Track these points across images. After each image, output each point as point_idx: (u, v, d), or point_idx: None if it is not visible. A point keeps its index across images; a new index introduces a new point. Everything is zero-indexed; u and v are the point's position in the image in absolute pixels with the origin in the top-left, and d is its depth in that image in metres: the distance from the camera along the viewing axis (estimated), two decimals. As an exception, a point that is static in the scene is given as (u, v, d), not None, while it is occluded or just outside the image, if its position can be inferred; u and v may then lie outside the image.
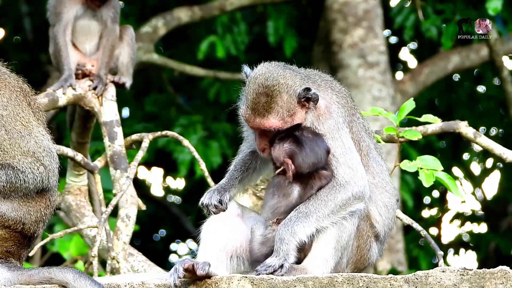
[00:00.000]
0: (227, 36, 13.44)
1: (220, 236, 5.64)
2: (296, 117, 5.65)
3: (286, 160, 5.54)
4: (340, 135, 5.63)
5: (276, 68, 5.70)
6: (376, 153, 5.88)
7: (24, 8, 15.31)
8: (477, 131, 7.01)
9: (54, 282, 5.41)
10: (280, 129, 5.62)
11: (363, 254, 5.72)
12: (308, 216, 5.47)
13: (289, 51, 13.43)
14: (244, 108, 5.67)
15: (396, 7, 13.14)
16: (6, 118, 5.59)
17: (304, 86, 5.62)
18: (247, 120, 5.66)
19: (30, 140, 5.61)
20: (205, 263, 5.27)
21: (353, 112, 5.84)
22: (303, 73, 5.79)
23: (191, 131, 13.31)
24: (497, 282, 5.12)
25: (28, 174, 5.55)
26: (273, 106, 5.61)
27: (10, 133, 5.57)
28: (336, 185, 5.56)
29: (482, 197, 17.31)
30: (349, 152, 5.61)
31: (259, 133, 5.70)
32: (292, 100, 5.62)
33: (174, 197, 17.80)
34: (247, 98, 5.65)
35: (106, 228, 6.80)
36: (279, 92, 5.61)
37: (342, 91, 5.88)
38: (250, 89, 5.63)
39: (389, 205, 5.80)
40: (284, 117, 5.62)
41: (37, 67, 15.28)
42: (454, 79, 15.97)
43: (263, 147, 5.69)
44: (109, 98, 7.67)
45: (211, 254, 5.58)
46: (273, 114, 5.61)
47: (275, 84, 5.61)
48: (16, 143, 5.57)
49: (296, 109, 5.64)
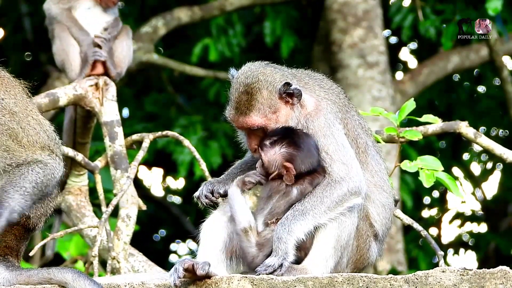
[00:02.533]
0: (221, 38, 13.44)
1: (219, 236, 5.65)
2: (281, 114, 5.66)
3: (286, 164, 5.54)
4: (332, 132, 5.63)
5: (257, 66, 5.73)
6: (374, 152, 5.88)
7: (24, 8, 15.31)
8: (477, 131, 7.01)
9: (53, 282, 5.41)
10: (265, 127, 5.64)
11: (363, 254, 5.73)
12: (304, 213, 5.48)
13: (285, 52, 13.42)
14: (228, 109, 5.72)
15: (394, 7, 13.14)
16: (19, 115, 5.60)
17: (284, 81, 5.64)
18: (232, 120, 5.71)
19: (43, 133, 5.64)
20: (205, 263, 5.27)
21: (347, 109, 5.83)
22: (288, 71, 5.81)
23: (191, 132, 13.31)
24: (497, 282, 5.13)
25: (51, 167, 5.55)
26: (254, 103, 5.63)
27: (26, 130, 5.58)
28: (331, 181, 5.56)
29: (482, 197, 17.31)
30: (342, 149, 5.61)
31: (247, 133, 5.72)
32: (272, 96, 5.64)
33: (174, 197, 17.80)
34: (231, 99, 5.70)
35: (106, 228, 6.80)
36: (258, 89, 5.64)
37: (333, 88, 5.87)
38: (233, 89, 5.70)
39: (387, 205, 5.81)
40: (266, 114, 5.64)
41: (37, 67, 15.28)
42: (454, 79, 15.97)
43: (254, 147, 5.71)
44: (109, 98, 7.67)
45: (211, 254, 5.59)
46: (254, 112, 5.63)
47: (255, 82, 5.64)
48: (34, 138, 5.58)
49: (278, 105, 5.66)
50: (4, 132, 5.51)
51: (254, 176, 5.61)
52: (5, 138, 5.50)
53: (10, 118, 5.56)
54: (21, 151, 5.51)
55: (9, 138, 5.51)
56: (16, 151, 5.50)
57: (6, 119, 5.54)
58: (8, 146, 5.49)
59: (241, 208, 5.57)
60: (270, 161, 5.56)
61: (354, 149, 5.71)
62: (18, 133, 5.54)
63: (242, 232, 5.55)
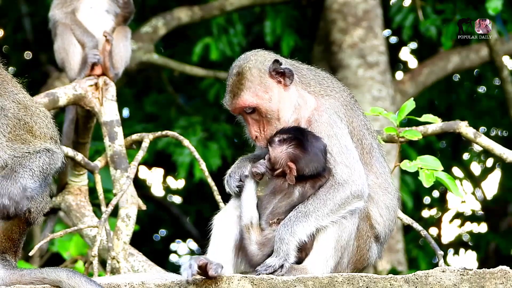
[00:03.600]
0: (222, 38, 13.44)
1: (231, 233, 5.63)
2: (273, 94, 5.66)
3: (289, 164, 5.54)
4: (335, 132, 5.62)
5: (252, 51, 5.77)
6: (379, 154, 5.86)
7: (24, 8, 15.32)
8: (477, 131, 7.01)
9: (47, 282, 5.39)
10: (259, 108, 5.62)
11: (363, 255, 5.72)
12: (307, 215, 5.47)
13: (286, 51, 13.43)
14: (224, 96, 5.72)
15: (395, 6, 13.14)
16: (31, 109, 5.70)
17: (274, 59, 5.64)
18: (227, 105, 5.72)
19: (49, 124, 5.74)
20: (218, 265, 5.24)
21: (352, 107, 5.81)
22: (288, 60, 5.80)
23: (190, 132, 13.31)
24: (497, 282, 5.13)
25: (56, 156, 5.63)
26: (244, 82, 5.65)
27: (37, 123, 5.67)
28: (334, 184, 5.55)
29: (482, 197, 17.31)
30: (345, 151, 5.59)
31: (245, 119, 5.71)
32: (263, 74, 5.66)
33: (174, 197, 17.80)
34: (226, 85, 5.72)
35: (106, 228, 6.80)
36: (248, 68, 5.67)
37: (336, 85, 5.83)
38: (228, 75, 5.70)
39: (391, 207, 5.79)
40: (258, 92, 5.64)
41: (37, 67, 15.28)
42: (454, 79, 15.97)
43: (254, 133, 5.69)
44: (109, 98, 7.66)
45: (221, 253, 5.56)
46: (245, 91, 5.65)
47: (246, 62, 5.70)
48: (44, 130, 5.67)
49: (270, 84, 5.66)
50: (22, 126, 5.61)
51: (260, 167, 5.60)
52: (22, 132, 5.60)
53: (25, 113, 5.65)
54: (36, 141, 5.61)
55: (26, 132, 5.61)
56: (32, 142, 5.60)
57: (21, 114, 5.64)
58: (25, 139, 5.59)
59: (248, 202, 5.58)
60: (276, 157, 5.56)
61: (359, 150, 5.70)
62: (32, 126, 5.64)
63: (245, 228, 5.56)
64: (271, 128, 5.68)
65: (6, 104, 5.62)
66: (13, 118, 5.59)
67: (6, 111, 5.60)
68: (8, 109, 5.61)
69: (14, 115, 5.61)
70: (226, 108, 5.75)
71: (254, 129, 5.69)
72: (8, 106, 5.62)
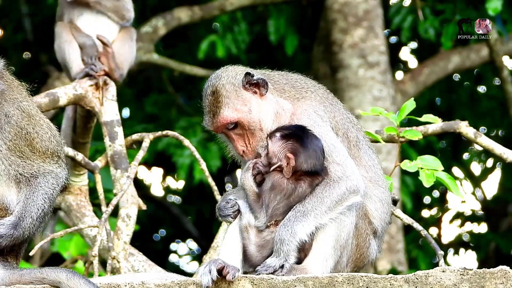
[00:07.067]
0: (227, 35, 13.45)
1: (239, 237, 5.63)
2: (252, 105, 5.68)
3: (289, 154, 5.53)
4: (319, 132, 5.62)
5: (220, 69, 5.79)
6: (366, 146, 5.86)
7: (24, 8, 15.32)
8: (478, 131, 7.01)
9: (46, 282, 5.39)
10: (241, 122, 5.64)
11: (363, 253, 5.72)
12: (306, 214, 5.47)
13: (290, 50, 13.44)
14: (204, 118, 5.75)
15: (394, 7, 13.14)
16: (35, 118, 5.63)
17: (245, 72, 5.67)
18: (208, 126, 5.74)
19: (53, 138, 5.66)
20: (235, 269, 5.27)
21: (331, 102, 5.81)
22: (258, 71, 5.81)
23: (190, 133, 13.30)
24: (497, 282, 5.13)
25: (61, 176, 5.61)
26: (221, 99, 5.67)
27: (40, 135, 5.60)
28: (329, 181, 5.55)
29: (482, 197, 17.31)
30: (333, 149, 5.61)
31: (229, 137, 5.73)
32: (237, 88, 5.68)
33: (174, 197, 17.81)
34: (203, 108, 5.75)
35: (106, 228, 6.80)
36: (222, 85, 5.68)
37: (310, 86, 5.83)
38: (203, 97, 5.74)
39: (384, 199, 5.79)
40: (236, 106, 5.67)
41: (37, 67, 15.28)
42: (454, 79, 15.97)
43: (241, 149, 5.71)
44: (109, 98, 7.67)
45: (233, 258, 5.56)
46: (224, 108, 5.67)
47: (218, 80, 5.71)
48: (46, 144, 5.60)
49: (246, 96, 5.68)
50: (23, 136, 5.54)
51: (257, 167, 5.61)
52: (22, 143, 5.52)
53: (28, 122, 5.58)
54: (33, 158, 5.53)
55: (25, 143, 5.53)
56: (29, 158, 5.52)
57: (25, 123, 5.56)
58: (23, 152, 5.51)
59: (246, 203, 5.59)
60: (275, 151, 5.56)
61: (345, 144, 5.71)
62: (34, 138, 5.57)
63: (243, 228, 5.56)
64: (256, 140, 5.70)
65: (10, 111, 5.53)
66: (15, 126, 5.51)
67: (9, 118, 5.52)
68: (11, 116, 5.52)
69: (17, 123, 5.52)
70: (208, 129, 5.77)
71: (240, 144, 5.71)
72: (12, 113, 5.53)
